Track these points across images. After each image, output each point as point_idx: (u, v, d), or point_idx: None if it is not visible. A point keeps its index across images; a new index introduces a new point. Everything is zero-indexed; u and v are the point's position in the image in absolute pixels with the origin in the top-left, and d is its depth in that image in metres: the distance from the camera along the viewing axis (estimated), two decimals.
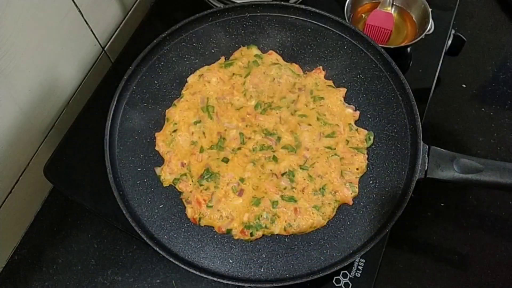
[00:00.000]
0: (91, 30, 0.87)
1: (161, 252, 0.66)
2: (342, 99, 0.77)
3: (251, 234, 0.68)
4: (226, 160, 0.72)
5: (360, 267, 0.73)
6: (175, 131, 0.75)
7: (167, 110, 0.77)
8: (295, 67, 0.80)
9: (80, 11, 0.82)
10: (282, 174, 0.71)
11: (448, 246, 0.83)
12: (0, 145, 0.74)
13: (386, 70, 0.77)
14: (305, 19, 0.82)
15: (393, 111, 0.75)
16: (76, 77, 0.89)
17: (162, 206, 0.71)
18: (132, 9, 0.99)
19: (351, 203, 0.70)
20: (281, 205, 0.69)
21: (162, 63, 0.80)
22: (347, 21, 0.86)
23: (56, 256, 0.83)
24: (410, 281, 0.80)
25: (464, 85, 0.98)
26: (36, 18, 0.73)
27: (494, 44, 1.03)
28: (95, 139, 0.74)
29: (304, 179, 0.71)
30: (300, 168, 0.72)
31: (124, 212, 0.68)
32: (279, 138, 0.74)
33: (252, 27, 0.83)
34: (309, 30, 0.81)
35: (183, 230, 0.69)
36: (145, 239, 0.66)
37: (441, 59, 0.89)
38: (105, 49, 0.94)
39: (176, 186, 0.72)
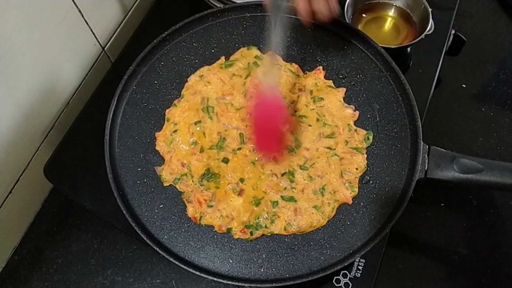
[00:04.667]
0: (91, 30, 0.87)
1: (161, 252, 0.66)
2: (342, 99, 0.77)
3: (251, 234, 0.68)
4: (226, 161, 0.72)
5: (360, 267, 0.73)
6: (175, 131, 0.75)
7: (167, 110, 0.77)
8: (295, 67, 0.80)
9: (80, 11, 0.82)
10: (282, 174, 0.71)
11: (448, 246, 0.83)
12: (0, 145, 0.74)
13: (386, 70, 0.77)
14: None
15: (393, 111, 0.75)
16: (76, 77, 0.89)
17: (162, 206, 0.71)
18: (132, 9, 0.99)
19: (350, 202, 0.70)
20: (281, 205, 0.69)
21: (162, 63, 0.80)
22: (347, 21, 0.86)
23: (56, 256, 0.83)
24: (410, 281, 0.80)
25: (464, 85, 0.98)
26: (36, 18, 0.73)
27: (494, 44, 1.03)
28: (95, 139, 0.74)
29: (304, 179, 0.71)
30: (300, 168, 0.72)
31: (124, 212, 0.68)
32: None
33: (252, 27, 0.83)
34: (309, 30, 0.81)
35: (183, 230, 0.70)
36: (145, 239, 0.66)
37: (441, 59, 0.89)
38: (105, 49, 0.94)
39: (177, 186, 0.72)
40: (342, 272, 0.73)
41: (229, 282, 0.66)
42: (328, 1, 0.64)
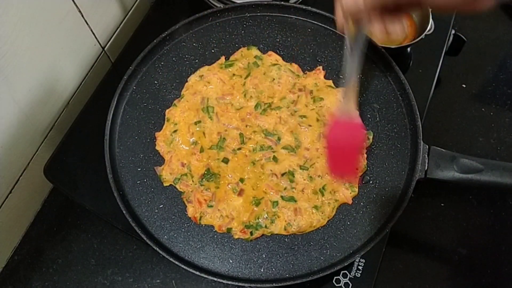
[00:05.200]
0: (91, 30, 0.87)
1: (161, 252, 0.66)
2: (342, 99, 0.77)
3: (251, 234, 0.68)
4: (226, 161, 0.72)
5: (360, 267, 0.73)
6: (175, 131, 0.75)
7: (167, 110, 0.77)
8: (295, 67, 0.80)
9: (80, 11, 0.82)
10: (282, 174, 0.71)
11: (448, 246, 0.83)
12: (0, 145, 0.74)
13: (386, 70, 0.77)
14: (305, 19, 0.82)
15: (393, 111, 0.75)
16: (76, 77, 0.89)
17: (162, 206, 0.71)
18: (132, 9, 0.99)
19: (350, 202, 0.70)
20: (281, 205, 0.69)
21: (162, 63, 0.80)
22: None
23: (56, 256, 0.83)
24: (410, 281, 0.80)
25: (464, 85, 0.98)
26: (36, 18, 0.73)
27: (494, 44, 1.03)
28: (95, 139, 0.74)
29: (304, 179, 0.71)
30: (300, 168, 0.72)
31: (124, 212, 0.68)
32: (279, 139, 0.74)
33: (252, 27, 0.83)
34: (309, 30, 0.81)
35: (183, 230, 0.70)
36: (145, 239, 0.66)
37: (441, 59, 0.89)
38: (105, 49, 0.94)
39: (177, 186, 0.72)
40: (342, 272, 0.73)
41: (229, 282, 0.66)
42: (402, 23, 0.63)
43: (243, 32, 0.82)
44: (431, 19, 0.85)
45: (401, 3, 0.58)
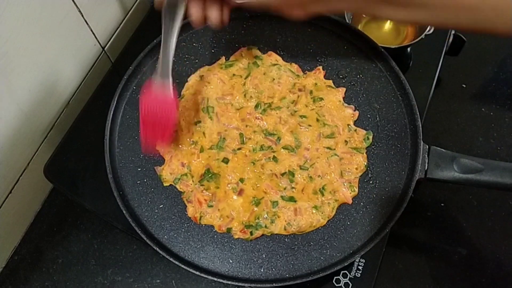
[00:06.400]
0: (91, 30, 0.87)
1: (161, 252, 0.66)
2: (342, 99, 0.77)
3: (251, 233, 0.68)
4: (226, 161, 0.73)
5: (360, 267, 0.73)
6: (175, 131, 0.75)
7: None
8: (295, 67, 0.80)
9: (80, 11, 0.82)
10: (282, 174, 0.71)
11: (448, 246, 0.83)
12: (0, 145, 0.74)
13: (386, 70, 0.77)
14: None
15: (393, 111, 0.75)
16: (76, 77, 0.89)
17: (162, 206, 0.71)
18: (132, 9, 0.99)
19: (350, 202, 0.70)
20: (281, 205, 0.70)
21: None
22: (347, 21, 0.86)
23: (56, 256, 0.83)
24: (410, 281, 0.80)
25: (464, 85, 0.98)
26: (36, 18, 0.73)
27: (494, 44, 1.03)
28: (95, 139, 0.74)
29: (304, 179, 0.71)
30: (300, 168, 0.72)
31: (124, 212, 0.68)
32: (279, 139, 0.74)
33: (252, 27, 0.83)
34: (309, 30, 0.81)
35: (183, 230, 0.70)
36: (145, 239, 0.66)
37: (441, 59, 0.89)
38: (105, 49, 0.94)
39: (177, 186, 0.72)
40: (342, 272, 0.73)
41: (229, 282, 0.66)
42: (221, 11, 0.62)
43: (243, 32, 0.82)
44: None
45: None
